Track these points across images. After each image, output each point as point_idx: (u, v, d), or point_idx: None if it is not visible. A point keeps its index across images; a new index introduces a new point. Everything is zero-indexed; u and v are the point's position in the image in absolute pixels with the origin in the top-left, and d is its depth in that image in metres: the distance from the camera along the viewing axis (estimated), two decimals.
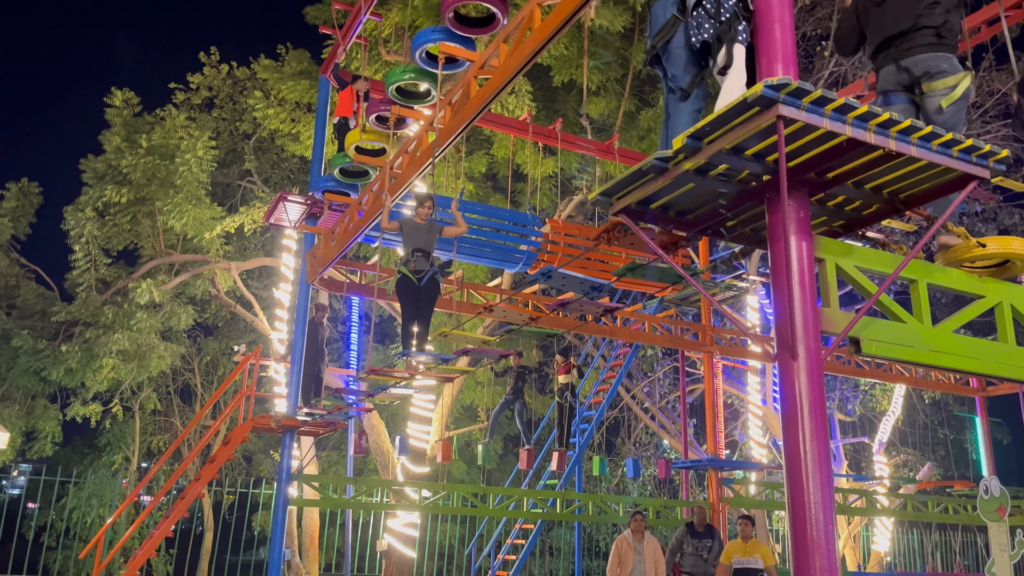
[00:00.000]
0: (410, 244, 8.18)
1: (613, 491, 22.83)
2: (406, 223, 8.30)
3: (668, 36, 4.35)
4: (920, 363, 4.17)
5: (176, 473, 11.08)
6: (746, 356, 14.72)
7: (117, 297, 17.52)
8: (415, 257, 8.09)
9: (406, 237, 8.24)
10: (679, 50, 4.34)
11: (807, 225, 3.84)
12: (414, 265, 8.06)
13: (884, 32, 4.60)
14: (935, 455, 22.58)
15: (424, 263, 8.10)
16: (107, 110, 17.54)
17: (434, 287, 8.28)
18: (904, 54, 4.46)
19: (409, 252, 8.15)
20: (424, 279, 8.10)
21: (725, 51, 3.98)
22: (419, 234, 8.27)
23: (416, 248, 8.12)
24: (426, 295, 8.18)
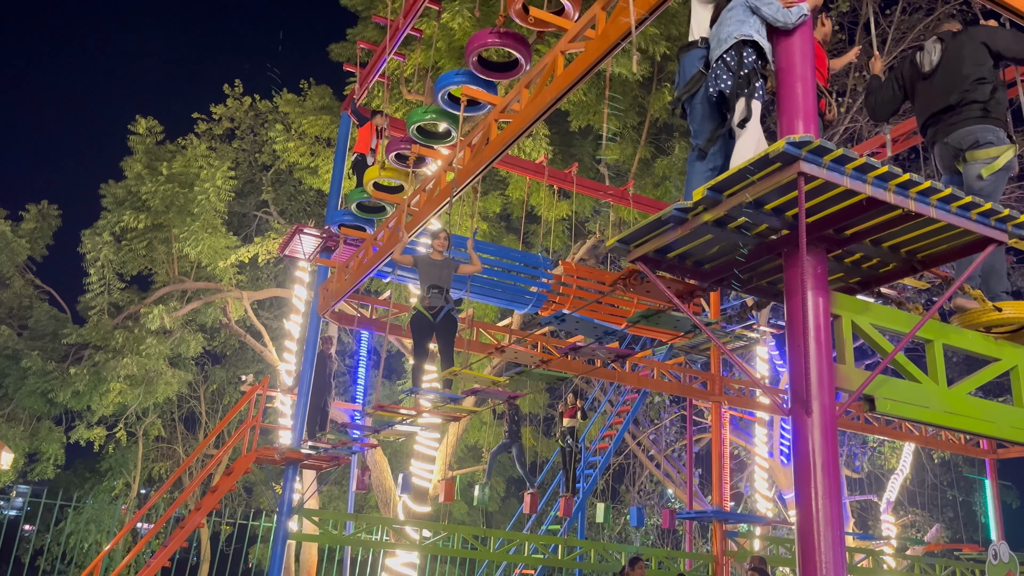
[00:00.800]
0: (426, 280, 8.11)
1: (615, 539, 22.51)
2: (421, 259, 8.25)
3: (693, 90, 4.41)
4: (935, 424, 4.14)
5: (177, 502, 11.02)
6: (754, 407, 14.60)
7: (128, 322, 17.61)
8: (430, 293, 8.00)
9: (422, 273, 8.18)
10: (700, 105, 4.39)
11: (824, 281, 3.85)
12: (429, 301, 7.99)
13: (932, 107, 4.77)
14: (943, 516, 22.22)
15: (439, 299, 8.01)
16: (130, 137, 17.84)
17: (450, 323, 8.18)
18: (950, 128, 4.63)
19: (425, 289, 8.08)
20: (439, 315, 8.01)
21: (744, 105, 4.03)
22: (434, 270, 8.19)
23: (432, 284, 8.08)
24: (442, 331, 8.08)
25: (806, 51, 3.91)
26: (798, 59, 3.92)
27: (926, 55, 4.90)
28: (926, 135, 4.86)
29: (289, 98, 17.67)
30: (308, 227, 11.18)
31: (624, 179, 16.46)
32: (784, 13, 4.03)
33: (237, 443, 12.43)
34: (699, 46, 4.49)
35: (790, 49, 3.97)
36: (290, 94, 17.79)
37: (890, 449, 20.30)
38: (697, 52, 4.49)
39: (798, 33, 3.96)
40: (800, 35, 3.97)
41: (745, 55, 4.06)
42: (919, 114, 4.91)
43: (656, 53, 14.47)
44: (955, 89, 4.64)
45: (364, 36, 15.30)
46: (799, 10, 4.01)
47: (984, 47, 4.71)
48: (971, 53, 4.70)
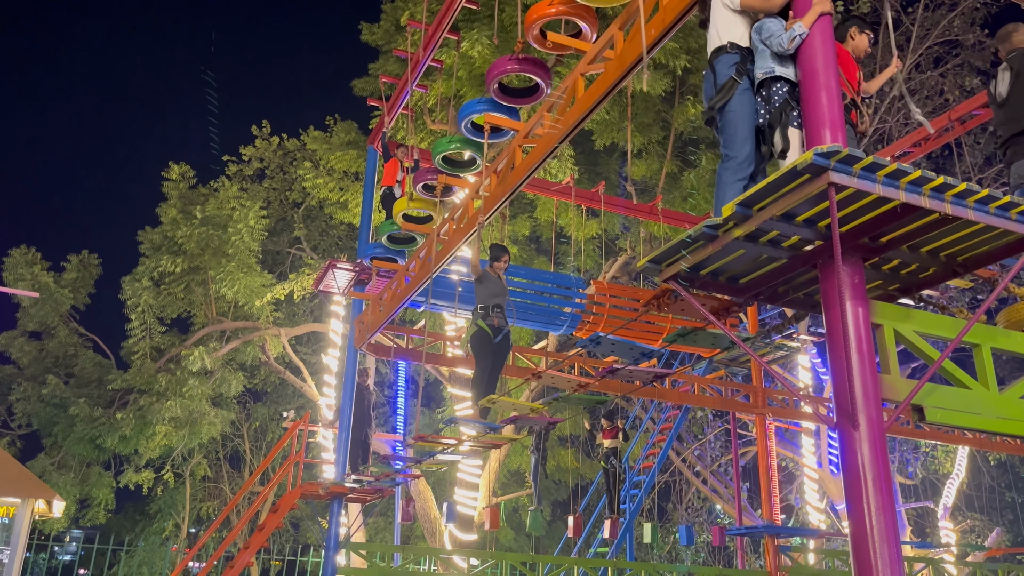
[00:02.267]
0: (490, 298, 7.88)
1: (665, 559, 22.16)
2: (485, 275, 8.05)
3: (727, 98, 4.35)
4: (988, 431, 4.02)
5: (226, 541, 11.10)
6: (799, 417, 14.34)
7: (170, 364, 17.89)
8: (495, 312, 7.81)
9: (484, 290, 7.93)
10: (733, 114, 4.33)
11: (862, 290, 3.77)
12: (496, 320, 7.79)
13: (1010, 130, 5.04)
14: (1003, 520, 21.54)
15: (503, 320, 7.86)
16: (164, 183, 18.23)
17: (507, 346, 7.99)
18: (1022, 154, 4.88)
19: (489, 306, 7.84)
20: (500, 336, 7.83)
21: (780, 135, 4.02)
22: (498, 288, 7.96)
23: (496, 304, 7.85)
24: (500, 353, 7.90)
25: (828, 59, 3.86)
26: (820, 67, 3.87)
27: (998, 84, 5.15)
28: (1005, 155, 5.10)
29: (316, 135, 17.94)
30: (341, 261, 11.28)
31: (652, 194, 16.40)
32: (779, 42, 4.05)
33: (282, 479, 12.52)
34: (728, 51, 4.45)
35: (812, 58, 3.92)
36: (316, 131, 18.06)
37: (943, 453, 19.77)
38: (729, 57, 4.43)
39: (819, 42, 3.91)
40: (821, 44, 3.92)
41: (775, 88, 4.08)
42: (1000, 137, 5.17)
43: (677, 67, 14.44)
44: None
45: (386, 70, 15.51)
46: (791, 34, 4.02)
47: None
48: None
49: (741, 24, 4.49)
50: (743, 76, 4.37)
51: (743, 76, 4.37)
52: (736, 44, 4.45)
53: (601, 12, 7.50)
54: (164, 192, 18.18)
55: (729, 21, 4.50)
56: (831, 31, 3.99)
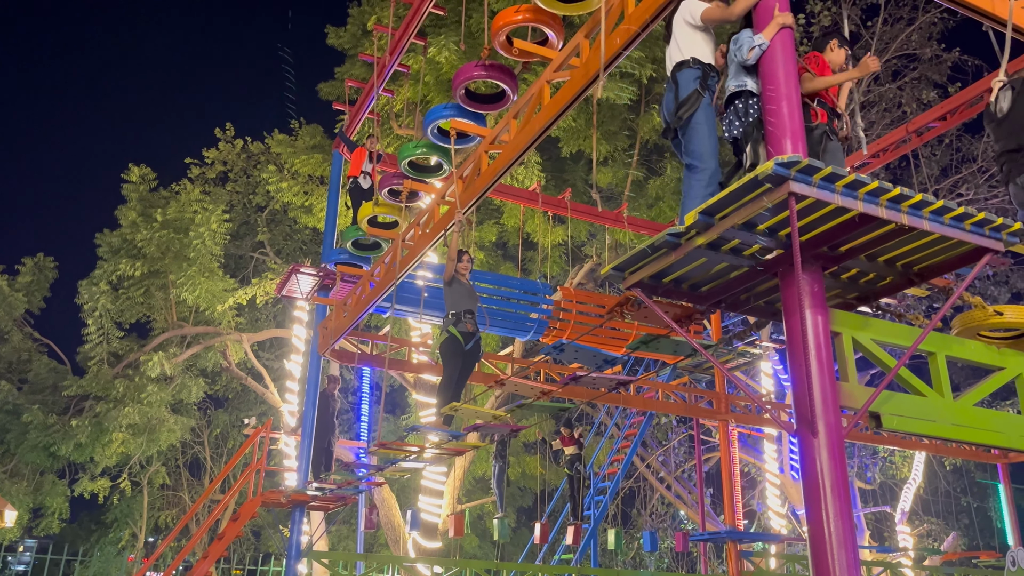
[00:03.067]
0: (461, 304, 7.75)
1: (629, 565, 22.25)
2: (456, 280, 7.91)
3: (692, 110, 4.41)
4: (943, 437, 4.10)
5: (184, 550, 10.89)
6: (762, 424, 14.51)
7: (128, 370, 17.54)
8: (466, 318, 7.69)
9: (454, 295, 7.80)
10: (699, 126, 4.39)
11: (822, 299, 3.82)
12: (469, 326, 7.67)
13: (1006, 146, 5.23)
14: (959, 524, 21.99)
15: (473, 325, 7.73)
16: (124, 185, 17.90)
17: (477, 353, 7.87)
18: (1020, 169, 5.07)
19: (460, 312, 7.72)
20: (471, 342, 7.70)
21: (751, 150, 4.09)
22: (468, 293, 7.84)
23: (467, 310, 7.74)
24: (469, 360, 7.77)
25: (789, 71, 3.92)
26: (782, 79, 3.92)
27: (997, 101, 5.33)
28: (1002, 170, 5.31)
29: (281, 138, 17.76)
30: (305, 266, 11.16)
31: (618, 201, 16.50)
32: (740, 53, 4.13)
33: (243, 487, 12.32)
34: (691, 66, 4.51)
35: (773, 69, 3.98)
36: (281, 134, 17.88)
37: (901, 458, 20.14)
38: (691, 72, 4.51)
39: (780, 54, 3.96)
40: (782, 55, 3.97)
41: (751, 103, 4.17)
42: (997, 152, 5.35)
43: (643, 76, 14.56)
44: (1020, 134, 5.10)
45: (352, 74, 15.42)
46: (750, 43, 4.10)
47: None
48: None
49: (702, 41, 4.56)
50: (705, 90, 4.45)
51: (705, 90, 4.45)
52: (698, 60, 4.52)
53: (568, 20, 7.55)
54: (123, 194, 17.85)
55: (691, 38, 4.57)
56: (792, 43, 4.05)
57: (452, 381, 7.65)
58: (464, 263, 7.90)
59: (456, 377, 7.62)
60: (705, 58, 4.54)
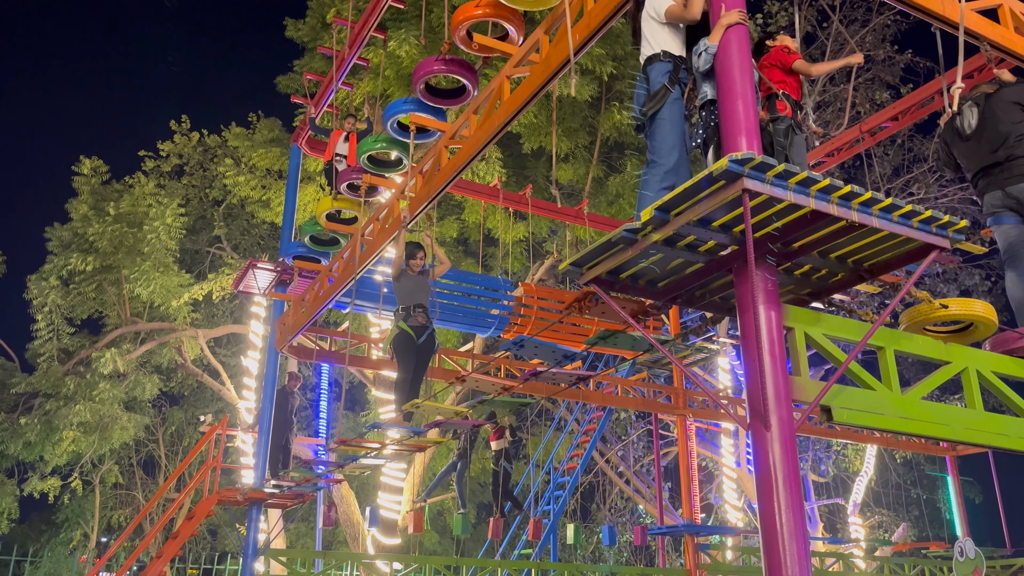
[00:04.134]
0: (409, 298, 7.77)
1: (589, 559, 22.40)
2: (403, 274, 7.89)
3: (658, 106, 4.44)
4: (891, 430, 4.19)
5: (138, 550, 10.69)
6: (719, 418, 14.71)
7: (80, 367, 17.15)
8: (416, 312, 7.69)
9: (403, 291, 7.83)
10: (663, 122, 4.42)
11: (775, 295, 3.88)
12: (420, 319, 7.68)
13: (980, 163, 5.29)
14: (909, 515, 22.55)
15: (427, 319, 7.75)
16: (75, 178, 17.47)
17: (431, 346, 7.86)
18: (1007, 182, 5.15)
19: (410, 307, 7.73)
20: (423, 336, 7.69)
21: (713, 154, 4.18)
22: (418, 287, 7.83)
23: (417, 304, 7.75)
24: (424, 354, 7.77)
25: (744, 69, 3.97)
26: (736, 77, 3.97)
27: (964, 119, 5.41)
28: (977, 186, 5.39)
29: (238, 132, 17.49)
30: (262, 261, 11.02)
31: (578, 198, 16.58)
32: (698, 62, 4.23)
33: (198, 485, 12.14)
34: (662, 59, 4.54)
35: (728, 68, 4.02)
36: (239, 128, 17.61)
37: (854, 452, 20.58)
38: (662, 66, 4.53)
39: (735, 52, 4.01)
40: (738, 54, 4.02)
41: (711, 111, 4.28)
42: (968, 169, 5.44)
43: (603, 73, 14.64)
44: (1000, 147, 5.18)
45: (311, 67, 15.24)
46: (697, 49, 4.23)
47: (1016, 105, 5.22)
48: (1006, 113, 5.21)
49: (670, 35, 4.59)
50: (675, 85, 4.47)
51: (675, 85, 4.47)
52: (669, 53, 4.55)
53: (528, 15, 7.55)
54: (74, 187, 17.43)
55: (659, 32, 4.60)
56: (747, 41, 4.10)
57: (408, 377, 7.61)
58: (417, 259, 7.90)
59: (412, 372, 7.61)
60: (675, 51, 4.58)
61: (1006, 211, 5.21)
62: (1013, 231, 5.16)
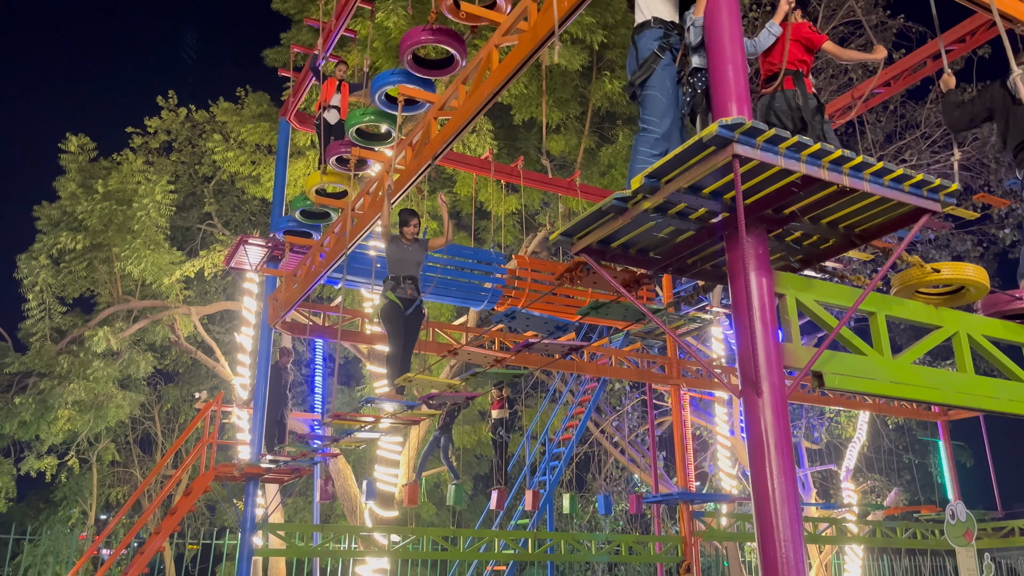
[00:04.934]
0: (399, 269, 7.63)
1: (585, 528, 22.63)
2: (394, 241, 7.72)
3: (648, 73, 4.41)
4: (883, 395, 4.21)
5: (136, 526, 10.74)
6: (713, 388, 14.78)
7: (73, 346, 17.10)
8: (404, 284, 7.55)
9: (393, 260, 7.68)
10: (652, 90, 4.39)
11: (766, 261, 3.87)
12: (409, 291, 7.54)
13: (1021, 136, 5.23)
14: (901, 480, 22.80)
15: (414, 291, 7.60)
16: (62, 156, 17.29)
17: (419, 318, 7.71)
18: None
19: (400, 277, 7.58)
20: (411, 308, 7.56)
21: (700, 120, 4.16)
22: (408, 256, 7.67)
23: (407, 275, 7.61)
24: (412, 327, 7.64)
25: (734, 35, 3.92)
26: (727, 42, 3.93)
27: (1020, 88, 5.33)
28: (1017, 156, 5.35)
29: (226, 107, 17.30)
30: (253, 237, 10.95)
31: (570, 170, 16.49)
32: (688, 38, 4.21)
33: (195, 462, 12.17)
34: (652, 26, 4.50)
35: (718, 34, 3.97)
36: (227, 103, 17.42)
37: (846, 418, 20.74)
38: (652, 32, 4.50)
39: (725, 18, 3.96)
40: (728, 20, 3.97)
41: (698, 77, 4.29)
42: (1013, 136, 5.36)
43: (594, 42, 14.49)
44: None
45: (298, 40, 15.05)
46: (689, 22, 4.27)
47: None
48: None
49: (662, 1, 4.55)
50: (665, 51, 4.44)
51: (665, 51, 4.44)
52: (660, 19, 4.51)
53: None
54: (62, 165, 17.26)
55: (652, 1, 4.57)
56: (737, 8, 4.04)
57: (399, 350, 7.54)
58: (411, 227, 7.76)
59: (403, 345, 7.56)
60: (667, 17, 4.54)
61: None
62: None
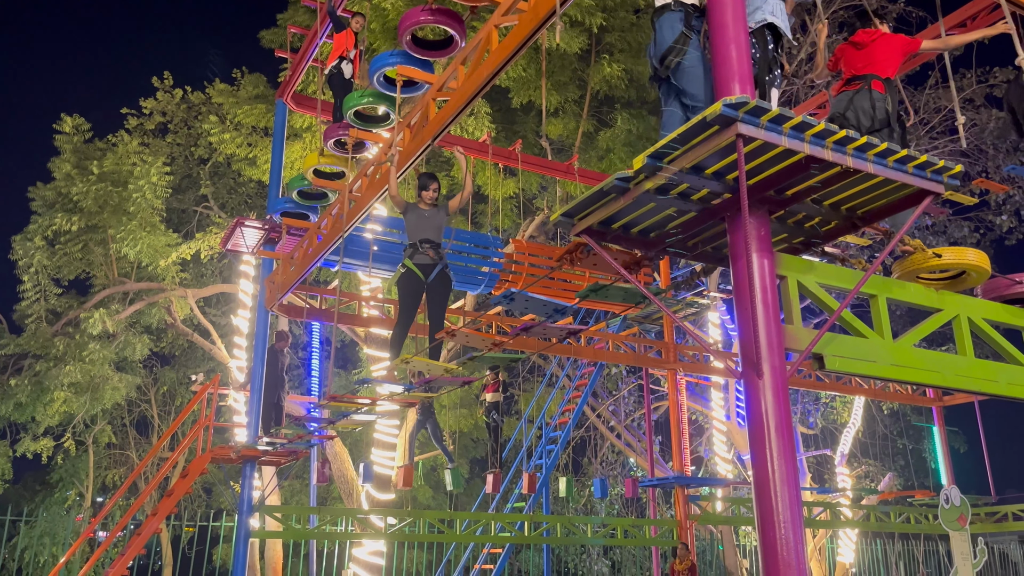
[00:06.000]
0: (416, 234, 7.19)
1: (581, 511, 22.73)
2: (411, 208, 7.31)
3: (680, 56, 4.38)
4: (883, 377, 4.20)
5: (132, 508, 10.75)
6: (709, 372, 14.80)
7: (68, 328, 17.06)
8: (423, 248, 7.12)
9: (410, 226, 7.26)
10: (694, 68, 4.37)
11: (768, 243, 3.85)
12: (421, 258, 7.10)
13: None
14: (895, 465, 22.92)
15: (434, 256, 7.14)
16: (56, 137, 17.18)
17: (445, 283, 7.26)
18: None
19: (416, 243, 7.14)
20: (432, 274, 7.13)
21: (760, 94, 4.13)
22: (425, 222, 7.21)
23: (424, 239, 7.15)
24: (436, 292, 7.18)
25: (738, 12, 3.88)
26: (730, 20, 3.88)
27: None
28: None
29: (222, 88, 17.18)
30: (249, 219, 10.90)
31: (568, 154, 16.43)
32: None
33: (191, 444, 12.17)
34: (672, 8, 4.47)
35: (721, 12, 3.92)
36: (223, 84, 17.30)
37: (842, 404, 20.82)
38: (673, 15, 4.47)
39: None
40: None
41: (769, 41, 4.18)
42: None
43: (592, 25, 14.40)
44: None
45: (295, 20, 14.93)
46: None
47: None
48: None
49: None
50: (691, 32, 4.42)
51: (691, 32, 4.42)
52: (680, 1, 4.48)
53: None
54: (57, 146, 17.14)
55: None
56: None
57: (405, 324, 7.20)
58: (430, 191, 7.38)
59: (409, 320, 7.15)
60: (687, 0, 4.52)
61: None
62: None
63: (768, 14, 4.29)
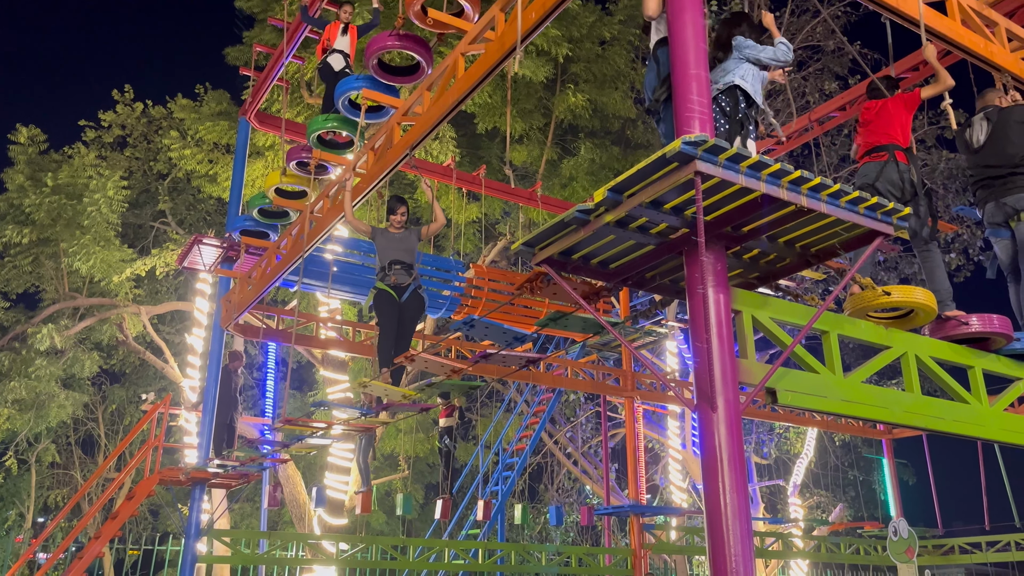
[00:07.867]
0: (386, 256, 7.33)
1: (536, 539, 22.62)
2: (379, 232, 7.44)
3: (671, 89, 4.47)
4: (833, 412, 4.28)
5: (75, 530, 10.44)
6: (666, 401, 14.92)
7: (15, 343, 16.60)
8: (393, 270, 7.24)
9: (380, 249, 7.40)
10: None
11: (724, 278, 3.91)
12: (395, 278, 7.22)
13: (985, 174, 5.60)
14: (846, 496, 23.25)
15: (405, 276, 7.27)
16: (10, 147, 16.83)
17: (418, 304, 7.39)
18: (1007, 192, 5.48)
19: (387, 264, 7.29)
20: (406, 294, 7.26)
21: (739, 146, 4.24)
22: (396, 243, 7.38)
23: (394, 260, 7.29)
24: (409, 312, 7.32)
25: (699, 50, 3.96)
26: (691, 58, 3.97)
27: (974, 132, 5.73)
28: (976, 196, 5.72)
29: (184, 103, 17.01)
30: (207, 237, 10.76)
31: (532, 180, 16.55)
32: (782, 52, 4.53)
33: (139, 465, 11.86)
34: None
35: (683, 50, 4.01)
36: (185, 99, 17.12)
37: (795, 434, 21.10)
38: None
39: (690, 34, 3.99)
40: (693, 36, 4.00)
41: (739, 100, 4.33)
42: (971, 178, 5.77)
43: (559, 55, 14.59)
44: (1004, 164, 5.49)
45: (261, 39, 14.86)
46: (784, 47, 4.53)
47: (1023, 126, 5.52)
48: (1015, 134, 5.51)
49: None
50: None
51: None
52: None
53: None
54: (10, 156, 16.78)
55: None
56: (702, 23, 4.09)
57: (389, 340, 7.24)
58: (398, 215, 7.54)
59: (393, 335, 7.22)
60: None
61: (1003, 226, 5.54)
62: (1012, 246, 5.55)
63: (737, 78, 4.48)
